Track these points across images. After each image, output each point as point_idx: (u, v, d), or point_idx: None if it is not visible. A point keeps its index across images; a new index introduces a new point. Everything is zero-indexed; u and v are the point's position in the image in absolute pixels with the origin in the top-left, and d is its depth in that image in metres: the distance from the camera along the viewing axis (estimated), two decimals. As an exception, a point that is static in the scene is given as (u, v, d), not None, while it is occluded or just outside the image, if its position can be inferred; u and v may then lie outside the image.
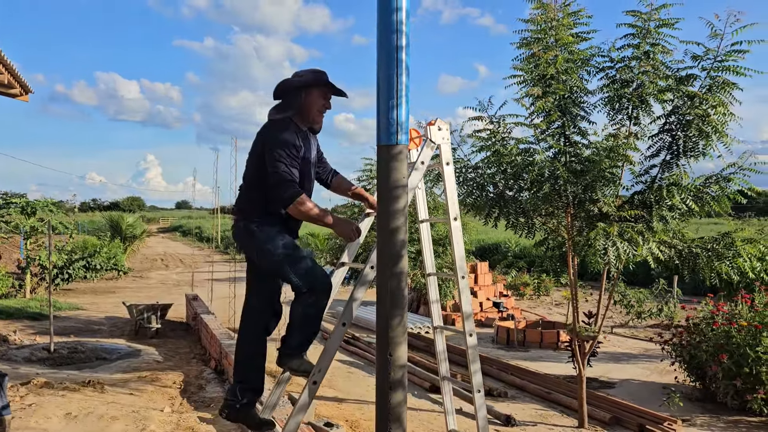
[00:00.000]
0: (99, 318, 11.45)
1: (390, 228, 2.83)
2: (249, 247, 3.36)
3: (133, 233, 21.83)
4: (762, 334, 6.16)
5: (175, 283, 17.96)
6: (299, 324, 3.36)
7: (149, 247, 34.05)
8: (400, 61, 2.83)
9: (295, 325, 3.35)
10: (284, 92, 3.38)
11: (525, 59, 5.26)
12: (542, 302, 14.90)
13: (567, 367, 7.79)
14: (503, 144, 5.56)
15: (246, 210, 3.35)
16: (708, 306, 7.13)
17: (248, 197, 3.35)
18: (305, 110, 3.37)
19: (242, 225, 3.34)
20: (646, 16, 5.22)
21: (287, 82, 3.37)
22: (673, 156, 5.12)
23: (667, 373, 7.68)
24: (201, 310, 9.78)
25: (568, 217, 5.51)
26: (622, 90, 5.29)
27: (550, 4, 5.19)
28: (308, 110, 3.37)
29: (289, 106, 3.36)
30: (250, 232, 3.29)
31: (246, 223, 3.32)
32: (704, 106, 4.87)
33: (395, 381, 2.86)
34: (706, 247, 5.30)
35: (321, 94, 3.39)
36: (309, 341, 3.41)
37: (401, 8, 2.85)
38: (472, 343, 3.43)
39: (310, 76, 3.35)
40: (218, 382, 6.79)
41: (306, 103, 3.36)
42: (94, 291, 15.68)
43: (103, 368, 7.41)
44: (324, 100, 3.41)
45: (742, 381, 6.16)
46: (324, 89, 3.39)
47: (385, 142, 2.83)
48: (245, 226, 3.32)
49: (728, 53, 4.82)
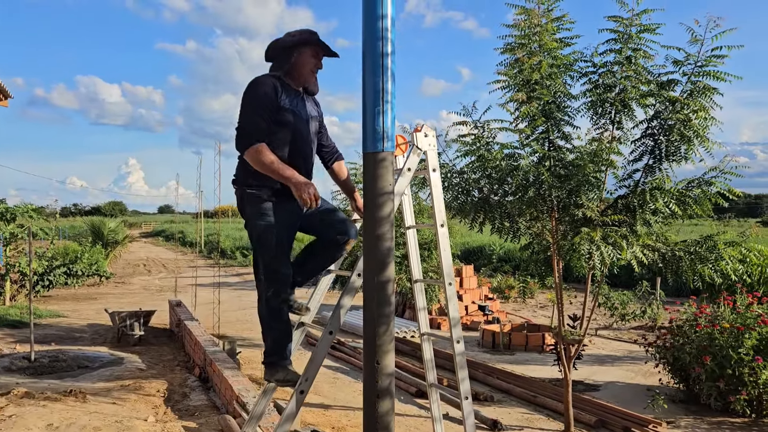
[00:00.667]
0: (81, 325, 11.30)
1: (376, 235, 2.82)
2: (243, 213, 3.40)
3: (115, 238, 21.58)
4: (744, 335, 6.22)
5: (158, 289, 17.79)
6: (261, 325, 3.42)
7: (131, 252, 33.72)
8: (385, 68, 2.82)
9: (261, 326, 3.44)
10: (275, 52, 3.37)
11: (509, 64, 5.27)
12: (527, 305, 14.96)
13: (552, 370, 7.82)
14: (488, 149, 5.57)
15: (239, 177, 3.38)
16: (691, 308, 7.20)
17: (243, 166, 3.36)
18: (297, 70, 3.36)
19: (238, 193, 3.39)
20: (627, 21, 5.26)
21: (279, 41, 3.36)
22: (656, 160, 5.17)
23: (651, 375, 7.74)
24: (184, 316, 9.69)
25: (552, 221, 5.54)
26: (604, 94, 5.32)
27: (533, 9, 5.21)
28: (300, 70, 3.36)
29: (279, 66, 3.36)
30: (242, 198, 3.36)
31: (240, 190, 3.36)
32: (686, 110, 4.92)
33: (383, 389, 2.85)
34: (689, 250, 5.34)
35: (312, 53, 3.37)
36: (280, 346, 3.37)
37: (386, 15, 2.85)
38: (459, 350, 3.43)
39: (301, 36, 3.34)
40: (202, 390, 6.72)
41: (297, 63, 3.35)
42: (76, 298, 15.48)
43: (85, 377, 7.31)
44: (316, 60, 3.39)
45: (725, 382, 6.22)
46: (315, 48, 3.38)
47: (371, 150, 2.82)
48: (240, 193, 3.37)
49: (708, 58, 4.87)
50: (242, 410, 5.31)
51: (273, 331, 3.34)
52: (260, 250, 3.31)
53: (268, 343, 3.36)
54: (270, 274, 3.30)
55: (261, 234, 3.28)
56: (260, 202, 3.28)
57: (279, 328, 3.33)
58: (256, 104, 3.21)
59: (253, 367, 8.03)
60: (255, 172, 3.25)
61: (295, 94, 3.35)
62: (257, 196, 3.28)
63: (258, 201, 3.28)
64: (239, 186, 3.37)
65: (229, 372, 6.18)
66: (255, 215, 3.29)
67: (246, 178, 3.32)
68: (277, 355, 3.33)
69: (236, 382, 5.82)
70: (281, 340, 3.35)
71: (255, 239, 3.32)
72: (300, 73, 3.36)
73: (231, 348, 7.57)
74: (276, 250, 3.28)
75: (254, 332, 11.09)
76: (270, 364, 3.34)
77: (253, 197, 3.29)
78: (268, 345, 3.36)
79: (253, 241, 3.34)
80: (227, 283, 19.02)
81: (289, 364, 3.34)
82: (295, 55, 3.34)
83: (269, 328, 3.35)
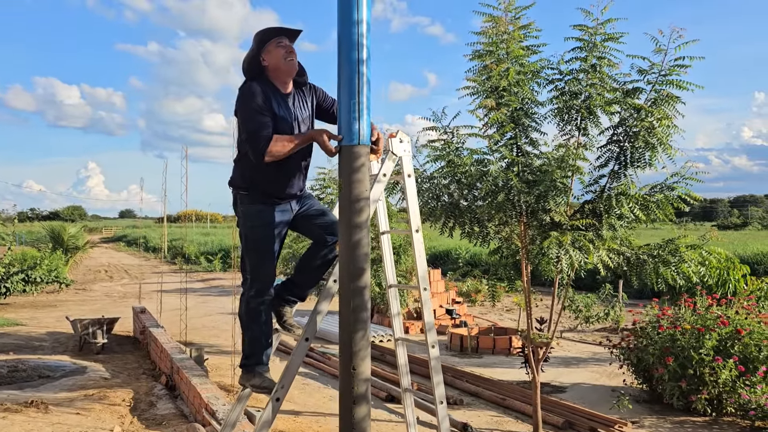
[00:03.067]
0: (40, 334, 11.00)
1: (353, 241, 2.83)
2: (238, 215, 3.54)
3: (75, 244, 21.07)
4: (705, 336, 6.40)
5: (120, 296, 17.44)
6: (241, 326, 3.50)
7: (92, 257, 32.94)
8: (361, 75, 2.84)
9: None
10: (249, 66, 3.41)
11: (478, 71, 5.33)
12: (493, 308, 15.12)
13: (520, 373, 7.91)
14: (457, 154, 5.62)
15: (235, 180, 3.49)
16: (653, 310, 7.38)
17: (235, 167, 3.51)
18: (274, 69, 3.38)
19: (233, 194, 3.52)
20: (592, 30, 5.37)
21: (245, 58, 3.42)
22: (621, 166, 5.28)
23: (615, 376, 7.90)
24: (149, 323, 9.52)
25: (521, 225, 5.61)
26: (571, 101, 5.41)
27: (501, 17, 5.29)
28: (276, 66, 3.37)
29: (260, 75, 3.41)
30: (236, 200, 3.50)
31: (235, 191, 3.50)
32: (650, 118, 5.05)
33: (359, 395, 2.85)
34: (653, 254, 5.47)
35: (275, 44, 3.38)
36: (257, 350, 3.40)
37: (362, 21, 2.86)
38: (434, 354, 3.45)
39: (256, 40, 3.38)
40: (170, 399, 6.61)
41: (270, 63, 3.37)
42: (34, 305, 15.06)
43: (46, 387, 7.11)
44: (282, 49, 3.38)
45: (687, 382, 6.38)
46: (275, 38, 3.39)
47: (347, 155, 2.83)
48: (234, 196, 3.51)
49: (672, 68, 5.01)
50: (212, 418, 5.23)
51: (251, 332, 3.38)
52: (248, 250, 3.41)
53: (246, 345, 3.41)
54: (254, 274, 3.39)
55: (249, 234, 3.39)
56: (251, 204, 3.39)
57: (257, 330, 3.36)
58: (255, 107, 3.25)
59: (221, 374, 7.94)
60: (249, 175, 3.37)
61: (282, 98, 3.38)
62: (249, 199, 3.40)
63: (249, 203, 3.40)
64: (234, 188, 3.50)
65: (197, 380, 6.09)
66: (246, 216, 3.41)
67: (240, 181, 3.45)
68: (254, 359, 3.35)
69: (205, 389, 5.75)
70: (259, 344, 3.37)
71: (244, 239, 3.44)
72: (278, 69, 3.38)
73: (198, 355, 7.47)
74: (262, 251, 3.37)
75: (221, 338, 10.95)
76: (246, 368, 3.36)
77: (245, 199, 3.41)
78: (246, 348, 3.40)
79: (242, 241, 3.46)
80: (192, 288, 18.73)
81: (266, 371, 3.34)
82: (264, 57, 3.38)
83: (247, 328, 3.40)
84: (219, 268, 26.74)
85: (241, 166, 3.46)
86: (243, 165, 3.43)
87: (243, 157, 3.41)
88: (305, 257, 3.65)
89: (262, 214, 3.36)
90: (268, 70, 3.38)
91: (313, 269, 3.63)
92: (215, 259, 27.32)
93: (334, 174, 8.87)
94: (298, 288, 3.67)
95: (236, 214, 3.57)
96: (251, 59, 3.37)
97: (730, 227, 59.16)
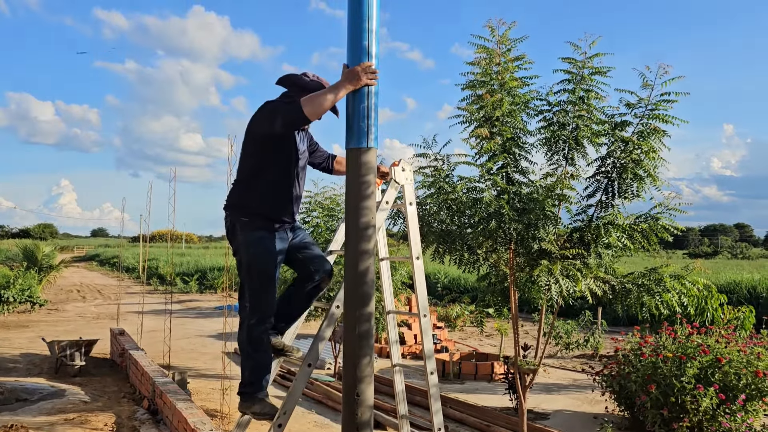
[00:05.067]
0: (13, 355, 10.73)
1: (359, 269, 2.86)
2: (233, 241, 3.49)
3: (49, 263, 20.67)
4: (686, 365, 6.50)
5: (94, 316, 17.11)
6: (241, 353, 3.46)
7: (64, 277, 32.26)
8: (369, 110, 2.90)
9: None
10: (292, 85, 3.50)
11: (472, 101, 5.44)
12: (473, 334, 15.16)
13: (503, 399, 7.95)
14: (447, 181, 5.70)
15: (235, 206, 3.46)
16: (634, 338, 7.48)
17: (238, 193, 3.48)
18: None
19: (229, 222, 3.47)
20: (580, 63, 5.53)
21: (297, 78, 3.50)
22: (609, 197, 5.41)
23: (597, 403, 7.96)
24: (129, 345, 9.35)
25: (510, 252, 5.69)
26: (558, 132, 5.55)
27: (494, 49, 5.42)
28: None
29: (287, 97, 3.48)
30: (233, 226, 3.44)
31: (233, 220, 3.44)
32: (637, 151, 5.19)
33: (363, 422, 2.86)
34: (637, 283, 5.59)
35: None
36: (257, 377, 3.38)
37: (372, 55, 2.93)
38: (433, 381, 3.48)
39: (317, 84, 3.45)
40: (152, 423, 6.50)
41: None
42: (5, 325, 14.70)
43: (24, 410, 6.94)
44: None
45: (669, 410, 6.46)
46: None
47: (355, 157, 2.88)
48: (232, 223, 3.45)
49: (658, 102, 5.18)
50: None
51: (252, 360, 3.34)
52: (248, 277, 3.38)
53: (246, 373, 3.36)
54: (255, 302, 3.35)
55: (251, 262, 3.36)
56: (253, 231, 3.36)
57: (258, 358, 3.34)
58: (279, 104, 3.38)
59: (203, 399, 7.83)
60: (250, 199, 3.37)
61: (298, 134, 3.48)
62: (250, 225, 3.36)
63: (251, 230, 3.36)
64: (232, 213, 3.45)
65: (182, 404, 6.01)
66: (246, 243, 3.36)
67: (241, 209, 3.41)
68: (254, 386, 3.32)
69: (191, 414, 5.67)
70: (259, 371, 3.34)
71: (245, 267, 3.40)
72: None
73: (182, 379, 7.37)
74: (264, 278, 3.35)
75: (199, 362, 10.81)
76: (246, 395, 3.32)
77: (246, 226, 3.37)
78: (246, 375, 3.35)
79: (242, 268, 3.42)
80: (169, 310, 18.45)
81: (266, 396, 3.32)
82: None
83: (248, 357, 3.36)
84: (195, 289, 26.42)
85: (241, 191, 3.45)
86: (244, 190, 3.44)
87: (246, 181, 3.42)
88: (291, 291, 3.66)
89: (264, 240, 3.36)
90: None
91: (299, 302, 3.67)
92: (191, 280, 27.00)
93: (319, 198, 8.91)
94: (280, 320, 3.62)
95: (230, 241, 3.50)
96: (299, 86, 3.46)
97: (700, 255, 60.21)
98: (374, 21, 2.87)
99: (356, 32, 2.89)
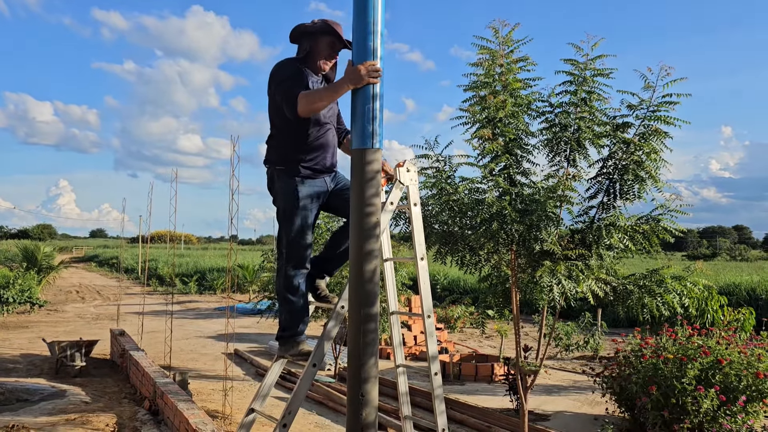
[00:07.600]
0: (13, 356, 10.73)
1: (365, 270, 2.87)
2: (272, 190, 3.60)
3: (49, 264, 20.65)
4: (687, 366, 6.51)
5: (94, 317, 17.09)
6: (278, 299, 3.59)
7: (63, 278, 32.21)
8: (375, 111, 2.90)
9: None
10: (300, 36, 3.55)
11: (474, 102, 5.45)
12: (472, 335, 15.16)
13: (503, 401, 7.95)
14: (449, 182, 5.71)
15: (271, 158, 3.58)
16: (635, 340, 7.48)
17: (271, 144, 3.59)
18: (312, 56, 3.54)
19: (269, 173, 3.60)
20: (582, 65, 5.54)
21: (299, 26, 3.54)
22: (611, 198, 5.42)
23: (596, 405, 7.96)
24: (129, 346, 9.35)
25: (511, 254, 5.70)
26: (560, 133, 5.56)
27: (497, 51, 5.43)
28: (314, 57, 3.54)
29: (298, 51, 3.56)
30: (272, 177, 3.57)
31: (271, 168, 3.58)
32: (639, 152, 5.20)
33: (368, 423, 2.86)
34: (639, 284, 5.60)
35: (328, 43, 3.54)
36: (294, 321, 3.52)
37: (377, 56, 2.94)
38: (437, 383, 3.48)
39: (319, 25, 3.50)
40: (154, 424, 6.50)
41: (313, 50, 3.53)
42: (5, 326, 14.69)
43: (25, 411, 6.93)
44: (330, 50, 3.56)
45: (670, 411, 6.46)
46: (331, 38, 3.54)
47: (359, 158, 2.89)
48: (271, 173, 3.58)
49: (660, 104, 5.19)
50: (200, 444, 5.16)
51: (289, 305, 3.46)
52: (284, 225, 3.48)
53: (283, 317, 3.49)
54: (292, 249, 3.46)
55: (286, 210, 3.47)
56: (289, 179, 3.47)
57: (295, 302, 3.46)
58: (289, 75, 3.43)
59: (203, 399, 7.83)
60: (284, 149, 3.48)
61: (316, 79, 3.54)
62: (286, 174, 3.48)
63: (287, 178, 3.47)
64: (271, 165, 3.58)
65: (183, 405, 6.01)
66: (282, 192, 3.48)
67: (277, 159, 3.54)
68: (291, 330, 3.46)
69: (192, 415, 5.67)
70: (296, 315, 3.47)
71: (281, 215, 3.51)
72: (314, 60, 3.54)
73: (183, 379, 7.37)
74: (299, 224, 3.45)
75: (199, 362, 10.81)
76: (283, 339, 3.49)
77: (282, 175, 3.49)
78: (283, 319, 3.49)
79: (279, 216, 3.53)
80: (169, 311, 18.44)
81: (304, 339, 3.49)
82: (312, 43, 3.54)
83: (285, 301, 3.47)
84: (194, 290, 26.40)
85: (275, 143, 3.58)
86: (278, 141, 3.56)
87: (278, 133, 3.52)
88: (337, 234, 3.81)
89: (299, 188, 3.46)
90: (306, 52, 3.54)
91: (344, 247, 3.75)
92: (191, 281, 26.98)
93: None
94: (328, 263, 3.80)
95: (271, 193, 3.64)
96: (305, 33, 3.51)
97: (699, 257, 60.27)
98: (379, 24, 2.88)
99: (361, 34, 2.89)
